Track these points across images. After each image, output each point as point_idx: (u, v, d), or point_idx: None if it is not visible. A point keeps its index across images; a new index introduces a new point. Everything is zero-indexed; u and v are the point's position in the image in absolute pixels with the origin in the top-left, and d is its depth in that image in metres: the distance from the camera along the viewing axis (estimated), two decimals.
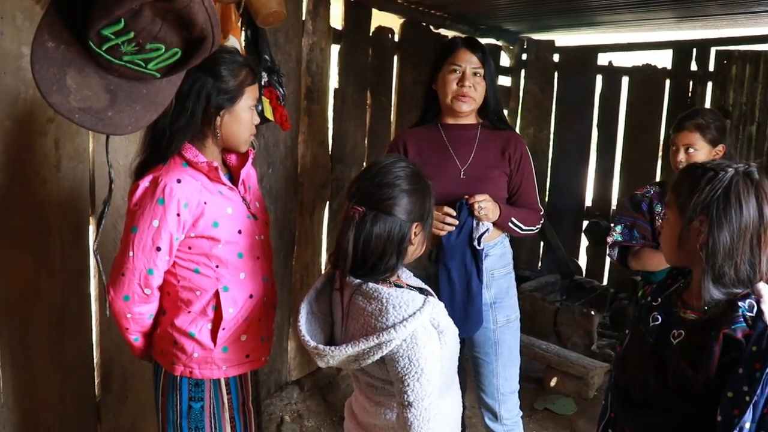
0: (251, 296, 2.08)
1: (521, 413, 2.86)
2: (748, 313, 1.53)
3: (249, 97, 1.98)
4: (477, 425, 3.56)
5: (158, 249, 1.90)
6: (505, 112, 6.11)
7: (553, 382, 4.30)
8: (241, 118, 1.98)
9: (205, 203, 1.94)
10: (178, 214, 1.89)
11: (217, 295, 2.00)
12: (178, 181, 1.89)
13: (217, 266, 1.99)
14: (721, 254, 1.57)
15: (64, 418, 2.69)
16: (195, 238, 1.96)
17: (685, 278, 1.79)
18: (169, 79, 1.32)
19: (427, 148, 2.70)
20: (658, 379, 1.65)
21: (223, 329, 2.01)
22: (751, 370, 1.46)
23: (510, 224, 2.61)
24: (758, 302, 1.55)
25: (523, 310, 4.99)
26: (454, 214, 2.49)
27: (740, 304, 1.55)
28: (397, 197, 1.74)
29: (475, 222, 2.49)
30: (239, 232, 2.02)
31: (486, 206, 2.49)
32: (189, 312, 2.01)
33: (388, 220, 1.73)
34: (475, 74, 2.60)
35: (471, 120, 2.71)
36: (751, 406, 1.44)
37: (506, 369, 2.75)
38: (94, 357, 2.83)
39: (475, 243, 2.50)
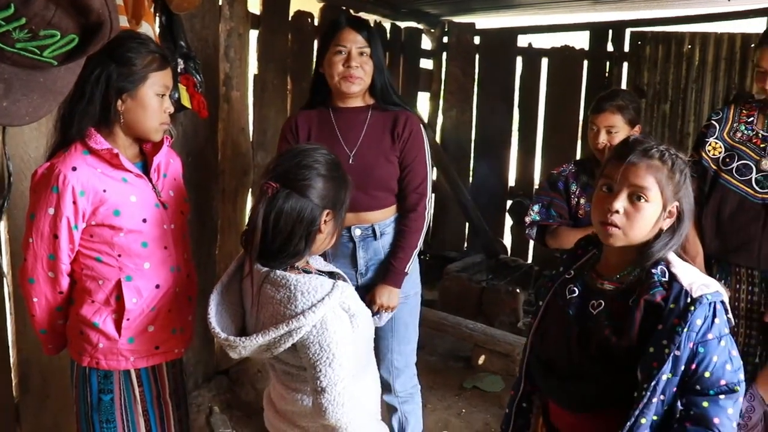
0: (158, 286, 2.04)
1: (418, 386, 2.90)
2: (662, 278, 1.61)
3: (155, 83, 1.93)
4: None
5: (55, 236, 1.88)
6: (428, 95, 6.19)
7: (481, 361, 4.37)
8: (146, 104, 1.92)
9: (105, 191, 1.90)
10: (75, 202, 1.86)
11: (119, 284, 1.96)
12: (74, 168, 1.86)
13: (119, 255, 1.95)
14: None
15: None
16: (96, 227, 1.92)
17: (597, 248, 1.84)
18: (67, 67, 1.27)
19: (316, 130, 2.61)
20: (581, 349, 1.70)
21: (128, 319, 1.98)
22: (670, 326, 1.54)
23: (411, 264, 2.62)
24: (668, 267, 1.63)
25: (449, 291, 5.12)
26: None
27: (653, 271, 1.62)
28: (313, 179, 1.75)
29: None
30: (144, 221, 1.98)
31: (391, 310, 2.60)
32: (93, 302, 1.98)
33: (301, 201, 1.73)
34: (361, 54, 2.50)
35: (360, 102, 2.62)
36: (671, 358, 1.51)
37: (401, 345, 2.76)
38: (11, 357, 2.73)
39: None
